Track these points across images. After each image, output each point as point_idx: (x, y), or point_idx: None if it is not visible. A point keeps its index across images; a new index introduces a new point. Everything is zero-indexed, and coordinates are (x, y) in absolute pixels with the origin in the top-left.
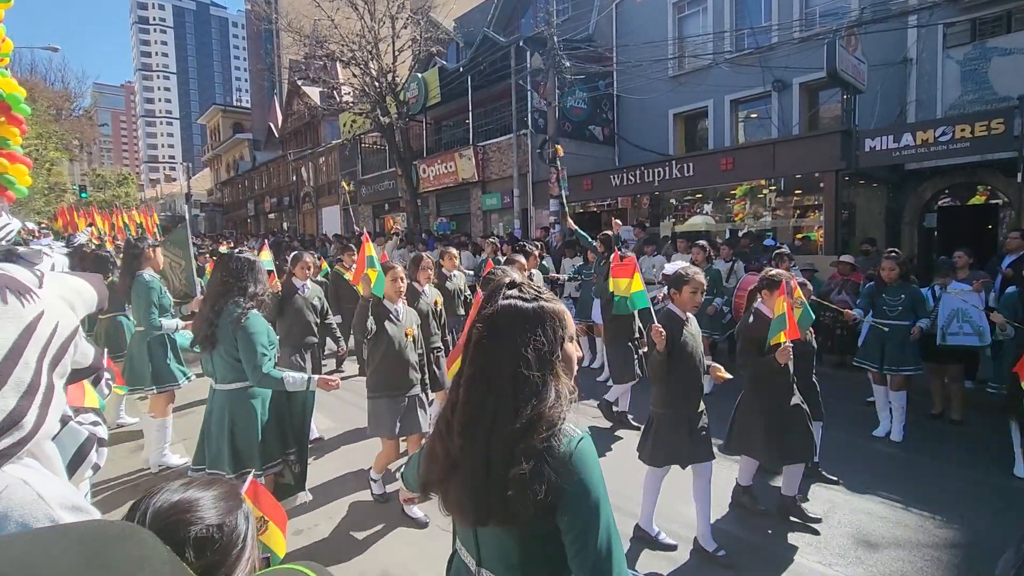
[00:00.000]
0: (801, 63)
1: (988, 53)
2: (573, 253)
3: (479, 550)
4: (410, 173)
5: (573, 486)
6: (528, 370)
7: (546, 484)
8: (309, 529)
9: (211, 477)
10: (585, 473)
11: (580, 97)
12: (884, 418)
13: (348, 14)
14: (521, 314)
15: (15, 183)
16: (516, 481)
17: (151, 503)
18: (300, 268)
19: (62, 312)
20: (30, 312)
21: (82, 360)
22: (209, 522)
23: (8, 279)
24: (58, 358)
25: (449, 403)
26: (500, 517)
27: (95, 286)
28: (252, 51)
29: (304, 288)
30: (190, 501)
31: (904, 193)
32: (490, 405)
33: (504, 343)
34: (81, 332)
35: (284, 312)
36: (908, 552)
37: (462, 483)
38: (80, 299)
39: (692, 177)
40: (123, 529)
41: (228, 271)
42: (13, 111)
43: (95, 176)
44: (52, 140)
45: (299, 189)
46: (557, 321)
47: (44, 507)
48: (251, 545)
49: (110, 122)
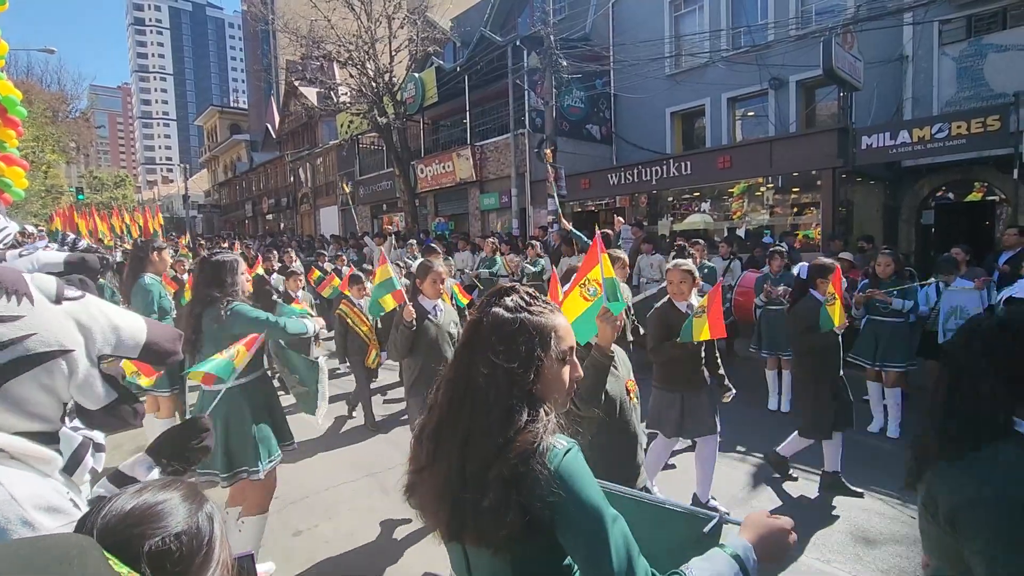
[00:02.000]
0: (798, 61)
1: (984, 50)
2: (571, 252)
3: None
4: (408, 173)
5: (562, 503)
6: (496, 388)
7: (519, 510)
8: (310, 530)
9: (168, 479)
10: (573, 488)
11: (577, 96)
12: (877, 414)
13: (345, 14)
14: (498, 325)
15: (11, 186)
16: (490, 496)
17: (99, 515)
18: (430, 282)
19: (55, 329)
20: (10, 309)
21: (83, 400)
22: (168, 531)
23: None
24: (15, 368)
25: (428, 406)
26: (473, 534)
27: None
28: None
29: (437, 311)
30: (144, 510)
31: (901, 190)
32: (465, 414)
33: (477, 354)
34: (94, 374)
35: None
36: (906, 548)
37: (431, 487)
38: (112, 334)
39: (690, 175)
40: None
41: (205, 275)
42: (9, 113)
43: (92, 178)
44: (49, 142)
45: (297, 190)
46: (538, 337)
47: (16, 508)
48: (219, 547)
49: (107, 124)
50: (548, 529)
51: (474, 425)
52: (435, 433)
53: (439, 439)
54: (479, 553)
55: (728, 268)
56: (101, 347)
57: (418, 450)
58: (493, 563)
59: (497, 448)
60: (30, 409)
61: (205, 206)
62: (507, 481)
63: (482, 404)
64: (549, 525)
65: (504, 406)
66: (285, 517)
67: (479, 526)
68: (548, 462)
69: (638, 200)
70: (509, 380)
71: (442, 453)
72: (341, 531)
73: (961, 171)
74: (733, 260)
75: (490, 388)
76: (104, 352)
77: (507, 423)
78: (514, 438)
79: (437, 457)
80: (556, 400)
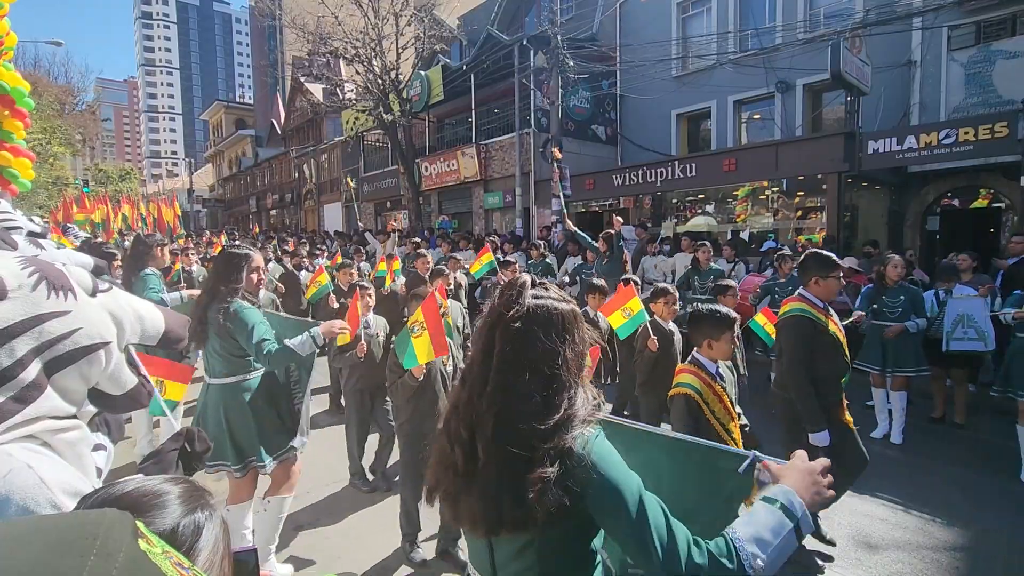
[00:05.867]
0: (805, 64)
1: (993, 56)
2: (576, 251)
3: (495, 572)
4: (412, 171)
5: (599, 484)
6: (563, 370)
7: (569, 484)
8: (311, 524)
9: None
10: (610, 469)
11: (583, 96)
12: (882, 420)
13: (352, 11)
14: (559, 314)
15: (19, 177)
16: (537, 482)
17: (95, 498)
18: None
19: (96, 322)
20: (50, 306)
21: (110, 387)
22: (153, 528)
23: (55, 272)
24: (61, 363)
25: (466, 406)
26: (513, 522)
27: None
28: (255, 47)
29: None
30: (137, 499)
31: (907, 196)
32: (518, 406)
33: (540, 342)
34: (122, 361)
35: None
36: (908, 554)
37: (481, 489)
38: (138, 324)
39: (694, 178)
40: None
41: (216, 268)
42: (17, 105)
43: (97, 171)
44: (56, 135)
45: (301, 186)
46: (566, 322)
47: (45, 491)
48: (204, 555)
49: (113, 117)
50: (578, 511)
51: (516, 416)
52: (476, 432)
53: (481, 437)
54: (504, 541)
55: (733, 271)
56: (130, 336)
57: (450, 453)
58: (518, 550)
59: (554, 425)
60: (68, 398)
61: (209, 201)
62: (551, 466)
63: (523, 394)
64: (581, 507)
65: (565, 388)
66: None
67: (518, 516)
68: (583, 446)
69: (642, 201)
70: (575, 362)
71: (489, 453)
72: (342, 527)
73: (967, 177)
74: (738, 263)
75: (530, 377)
76: (132, 341)
77: (568, 402)
78: (575, 414)
79: (486, 457)
80: (584, 381)
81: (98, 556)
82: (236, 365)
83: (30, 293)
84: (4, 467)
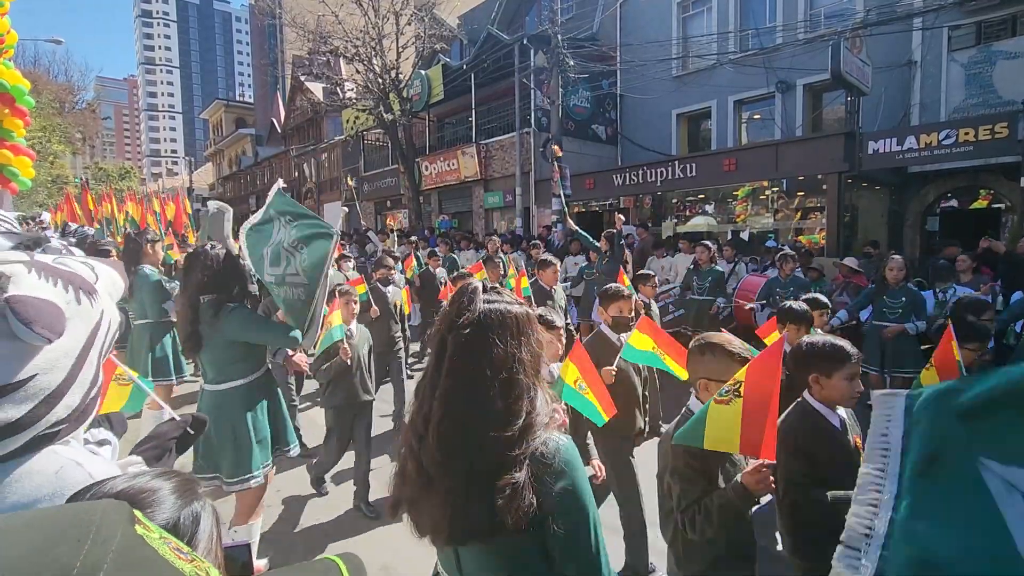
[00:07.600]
0: (805, 64)
1: (993, 56)
2: (579, 250)
3: (461, 573)
4: (412, 170)
5: (564, 489)
6: (522, 375)
7: (537, 490)
8: (310, 522)
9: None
10: (574, 475)
11: (583, 96)
12: None
13: (352, 10)
14: (512, 316)
15: (19, 175)
16: (507, 488)
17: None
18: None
19: (111, 306)
20: (96, 311)
21: None
22: (162, 520)
23: (79, 280)
24: (107, 351)
25: (419, 415)
26: (482, 533)
27: (120, 274)
28: (255, 46)
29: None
30: (132, 494)
31: (907, 196)
32: (476, 414)
33: (495, 347)
34: None
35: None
36: None
37: (440, 500)
38: (115, 289)
39: (695, 177)
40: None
41: (203, 267)
42: (17, 103)
43: (97, 169)
44: (56, 133)
45: (301, 185)
46: (536, 325)
47: None
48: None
49: (112, 115)
50: (545, 516)
51: (488, 418)
52: (444, 441)
53: (452, 448)
54: (472, 549)
55: (733, 271)
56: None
57: (413, 463)
58: (484, 557)
59: (519, 431)
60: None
61: (209, 199)
62: (519, 471)
63: (501, 396)
64: (549, 512)
65: (523, 392)
66: (286, 511)
67: (488, 525)
68: (554, 452)
69: (642, 201)
70: (531, 365)
71: (453, 462)
72: (342, 524)
73: (967, 178)
74: (738, 263)
75: (511, 379)
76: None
77: (530, 406)
78: (536, 419)
79: (447, 467)
80: (541, 383)
81: (94, 542)
82: (229, 371)
83: (78, 307)
84: (54, 464)
